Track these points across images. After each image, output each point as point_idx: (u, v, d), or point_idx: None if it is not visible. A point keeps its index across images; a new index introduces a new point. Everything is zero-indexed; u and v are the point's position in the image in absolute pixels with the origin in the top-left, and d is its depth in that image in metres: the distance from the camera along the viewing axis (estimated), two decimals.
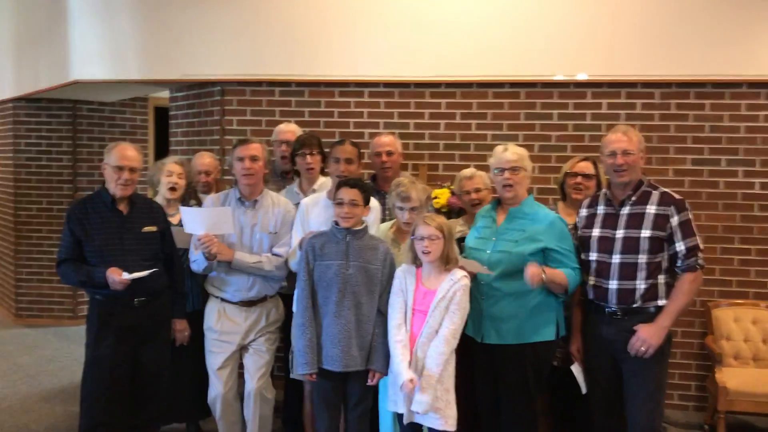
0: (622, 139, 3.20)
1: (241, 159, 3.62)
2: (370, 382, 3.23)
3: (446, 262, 3.11)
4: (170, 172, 4.00)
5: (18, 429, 4.41)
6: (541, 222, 3.29)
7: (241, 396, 3.81)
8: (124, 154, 3.47)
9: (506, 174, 3.33)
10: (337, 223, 3.27)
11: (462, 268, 3.21)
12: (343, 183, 3.28)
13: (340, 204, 3.22)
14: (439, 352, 3.02)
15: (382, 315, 3.23)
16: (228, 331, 3.68)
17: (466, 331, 3.33)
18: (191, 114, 5.35)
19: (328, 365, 3.21)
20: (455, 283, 3.07)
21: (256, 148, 3.65)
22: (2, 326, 6.99)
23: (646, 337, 3.09)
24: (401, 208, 3.46)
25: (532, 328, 3.28)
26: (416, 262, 3.18)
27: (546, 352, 3.34)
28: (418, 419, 3.07)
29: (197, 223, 3.48)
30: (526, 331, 3.27)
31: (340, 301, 3.19)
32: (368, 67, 4.80)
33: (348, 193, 3.22)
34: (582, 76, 4.61)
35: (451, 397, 3.07)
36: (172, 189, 3.97)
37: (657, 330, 3.09)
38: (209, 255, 3.49)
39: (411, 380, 2.98)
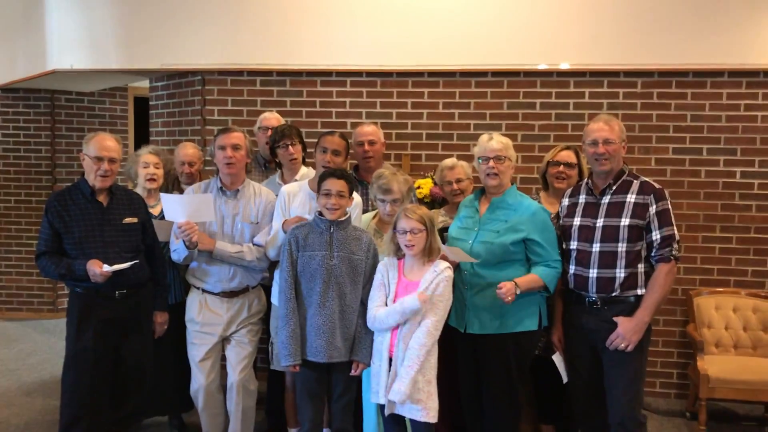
0: (604, 128, 3.21)
1: (222, 148, 3.59)
2: (353, 373, 3.22)
3: (429, 254, 3.10)
4: (146, 163, 3.95)
5: None
6: (524, 212, 3.29)
7: (223, 388, 3.78)
8: (103, 144, 3.41)
9: (491, 163, 3.33)
10: (320, 214, 3.24)
11: (444, 257, 3.21)
12: (329, 174, 3.25)
13: (327, 195, 3.20)
14: (420, 344, 3.00)
15: (365, 306, 3.22)
16: (209, 323, 3.65)
17: (449, 321, 3.33)
18: (172, 104, 5.29)
19: (312, 356, 3.19)
20: (438, 275, 3.05)
21: (238, 137, 3.62)
22: None
23: (625, 334, 3.10)
24: (383, 201, 3.45)
25: (515, 318, 3.28)
26: (398, 254, 3.16)
27: (528, 342, 3.36)
28: (399, 410, 3.06)
29: (178, 211, 3.43)
30: (509, 321, 3.28)
31: (325, 291, 3.18)
32: (350, 57, 4.77)
33: (335, 184, 3.20)
34: (564, 65, 4.61)
35: (433, 388, 3.06)
36: (151, 179, 3.93)
37: (636, 325, 3.11)
38: (190, 243, 3.45)
39: (420, 295, 2.98)
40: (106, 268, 3.27)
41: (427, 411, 3.03)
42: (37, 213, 6.80)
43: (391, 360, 3.07)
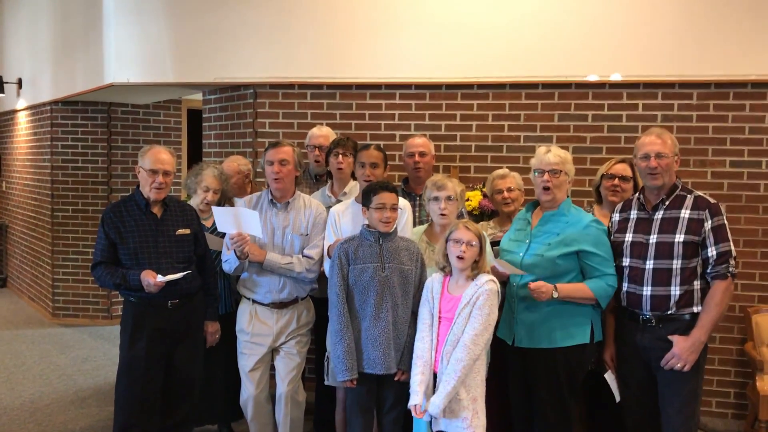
0: (656, 141, 3.15)
1: (270, 163, 3.64)
2: (398, 378, 3.22)
3: (474, 269, 3.07)
4: (207, 187, 3.99)
5: (56, 428, 4.48)
6: (576, 225, 3.24)
7: (272, 398, 3.81)
8: (158, 157, 3.49)
9: (545, 176, 3.28)
10: (368, 226, 3.25)
11: (494, 268, 3.18)
12: (381, 187, 3.25)
13: (381, 209, 3.21)
14: (457, 359, 2.96)
15: (416, 316, 3.22)
16: (259, 333, 3.69)
17: (498, 333, 3.29)
18: (224, 116, 5.39)
19: (369, 369, 3.20)
20: (479, 288, 3.01)
21: (285, 152, 3.66)
22: (39, 325, 7.12)
23: (681, 354, 3.02)
24: (436, 198, 3.39)
25: (564, 331, 3.22)
26: (445, 268, 3.14)
27: (579, 356, 3.27)
28: (444, 427, 3.01)
29: (229, 222, 3.50)
30: (558, 334, 3.22)
31: (379, 303, 3.19)
32: (399, 69, 4.78)
33: (389, 198, 3.22)
34: (616, 77, 4.53)
35: (479, 406, 3.01)
36: (207, 204, 3.98)
37: (693, 345, 3.02)
38: (241, 254, 3.51)
39: (415, 406, 2.99)
40: (160, 278, 3.34)
41: (473, 429, 2.97)
42: (93, 222, 7.00)
43: (435, 376, 3.05)
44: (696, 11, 4.43)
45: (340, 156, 3.97)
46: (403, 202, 3.58)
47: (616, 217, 3.35)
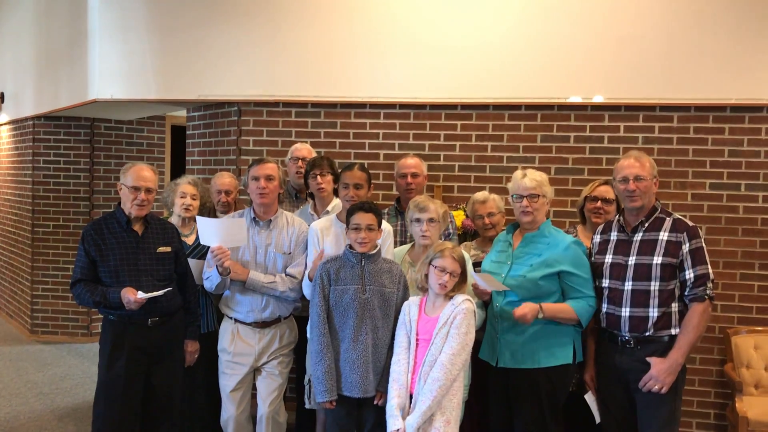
0: (634, 165, 3.18)
1: (256, 179, 3.63)
2: (376, 402, 3.19)
3: (452, 291, 3.08)
4: (184, 193, 4.01)
5: None
6: (557, 246, 3.26)
7: (253, 418, 3.78)
8: (140, 174, 3.48)
9: (524, 202, 3.30)
10: (351, 247, 3.25)
11: (475, 286, 3.19)
12: (357, 208, 3.25)
13: (356, 229, 3.21)
14: (434, 378, 2.94)
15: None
16: (241, 353, 3.66)
17: (480, 354, 3.29)
18: (208, 133, 5.38)
19: (347, 392, 3.18)
20: (456, 308, 3.01)
21: (271, 168, 3.66)
22: (17, 342, 7.02)
23: (658, 376, 3.04)
24: (418, 220, 3.39)
25: (548, 351, 3.23)
26: (423, 288, 3.14)
27: (562, 377, 3.28)
28: None
29: (212, 235, 3.48)
30: (542, 355, 3.23)
31: (359, 326, 3.17)
32: (384, 89, 4.81)
33: (364, 218, 3.21)
34: (598, 99, 4.59)
35: (452, 429, 2.97)
36: (187, 209, 3.99)
37: (670, 367, 3.04)
38: (222, 270, 3.49)
39: (397, 431, 2.97)
40: (141, 295, 3.31)
41: None
42: (74, 238, 6.93)
43: (411, 397, 3.04)
44: (677, 36, 4.50)
45: (319, 177, 3.96)
46: (386, 226, 3.59)
47: (597, 238, 3.39)
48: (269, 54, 4.96)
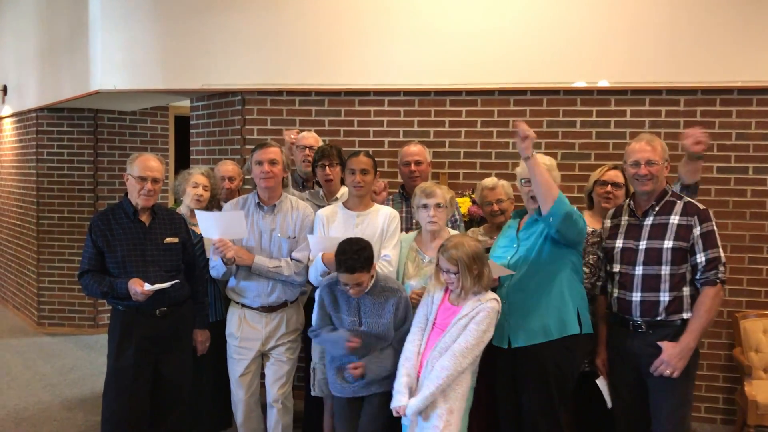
0: (646, 148, 3.15)
1: (260, 163, 3.61)
2: (349, 368, 3.20)
3: (475, 285, 3.01)
4: (197, 183, 3.99)
5: None
6: None
7: (263, 406, 3.79)
8: (147, 164, 3.46)
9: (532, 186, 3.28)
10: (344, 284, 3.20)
11: None
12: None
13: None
14: (443, 366, 2.93)
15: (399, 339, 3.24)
16: (248, 338, 3.67)
17: (492, 341, 3.28)
18: (212, 123, 5.36)
19: (336, 392, 3.31)
20: (481, 304, 2.98)
21: (275, 152, 3.64)
22: (24, 334, 7.04)
23: (670, 360, 3.02)
24: (425, 206, 3.37)
25: (556, 322, 3.18)
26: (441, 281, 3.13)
27: (569, 353, 3.21)
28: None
29: (212, 228, 3.48)
30: (551, 327, 3.17)
31: (354, 351, 3.21)
32: (388, 76, 4.79)
33: (350, 279, 3.15)
34: (604, 83, 4.56)
35: (455, 419, 2.96)
36: (198, 200, 3.97)
37: (681, 351, 3.02)
38: (226, 260, 3.49)
39: (399, 409, 2.98)
40: (148, 287, 3.30)
41: None
42: (79, 230, 6.93)
43: (417, 379, 3.03)
44: (683, 19, 4.47)
45: (327, 168, 3.95)
46: (392, 211, 3.58)
47: (608, 223, 3.36)
48: (273, 42, 4.93)
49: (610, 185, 3.73)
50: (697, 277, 3.07)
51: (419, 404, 2.94)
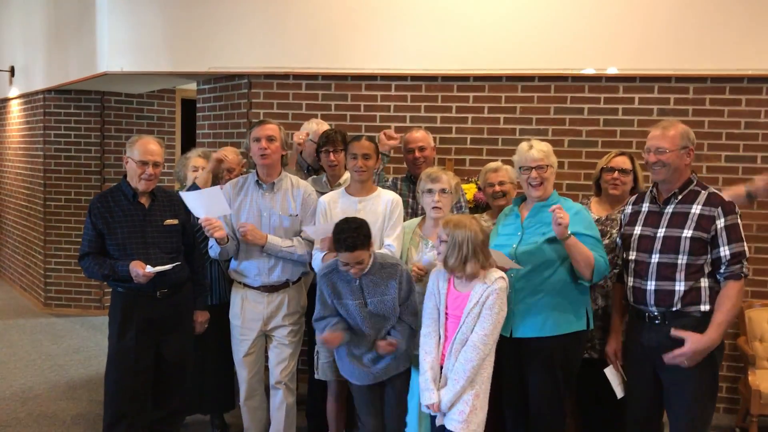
0: (656, 135, 3.07)
1: (257, 140, 3.56)
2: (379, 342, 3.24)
3: (479, 267, 2.97)
4: (195, 167, 4.00)
5: (46, 418, 4.46)
6: (569, 211, 3.15)
7: (266, 387, 3.82)
8: (147, 148, 3.45)
9: (533, 173, 3.26)
10: (344, 264, 3.17)
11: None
12: (346, 248, 3.11)
13: (346, 264, 3.16)
14: (467, 359, 2.92)
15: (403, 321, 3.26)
16: (250, 318, 3.67)
17: None
18: (218, 106, 5.35)
19: (355, 380, 3.36)
20: (489, 287, 2.94)
21: (272, 129, 3.59)
22: (31, 315, 7.09)
23: (694, 354, 2.90)
24: (430, 191, 3.36)
25: (564, 318, 3.19)
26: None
27: (575, 344, 3.25)
28: (444, 421, 2.99)
29: (197, 207, 3.45)
30: (557, 321, 3.18)
31: (367, 329, 3.25)
32: (395, 61, 4.75)
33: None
34: (612, 70, 4.51)
35: (480, 402, 2.96)
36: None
37: (706, 344, 2.90)
38: (220, 239, 3.48)
39: (432, 406, 2.97)
40: (149, 269, 3.31)
41: (467, 424, 2.93)
42: (86, 211, 6.93)
43: (442, 368, 3.02)
44: (693, 5, 4.42)
45: (332, 154, 3.93)
46: (395, 196, 3.58)
47: (628, 209, 3.29)
48: (279, 26, 4.90)
49: (617, 171, 3.68)
50: (721, 270, 2.96)
51: (451, 398, 2.94)
